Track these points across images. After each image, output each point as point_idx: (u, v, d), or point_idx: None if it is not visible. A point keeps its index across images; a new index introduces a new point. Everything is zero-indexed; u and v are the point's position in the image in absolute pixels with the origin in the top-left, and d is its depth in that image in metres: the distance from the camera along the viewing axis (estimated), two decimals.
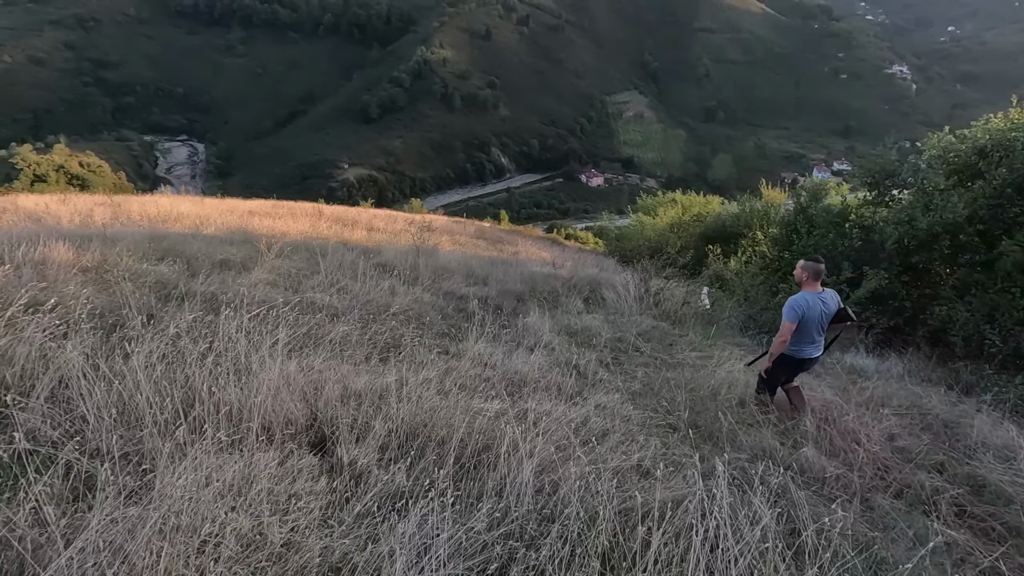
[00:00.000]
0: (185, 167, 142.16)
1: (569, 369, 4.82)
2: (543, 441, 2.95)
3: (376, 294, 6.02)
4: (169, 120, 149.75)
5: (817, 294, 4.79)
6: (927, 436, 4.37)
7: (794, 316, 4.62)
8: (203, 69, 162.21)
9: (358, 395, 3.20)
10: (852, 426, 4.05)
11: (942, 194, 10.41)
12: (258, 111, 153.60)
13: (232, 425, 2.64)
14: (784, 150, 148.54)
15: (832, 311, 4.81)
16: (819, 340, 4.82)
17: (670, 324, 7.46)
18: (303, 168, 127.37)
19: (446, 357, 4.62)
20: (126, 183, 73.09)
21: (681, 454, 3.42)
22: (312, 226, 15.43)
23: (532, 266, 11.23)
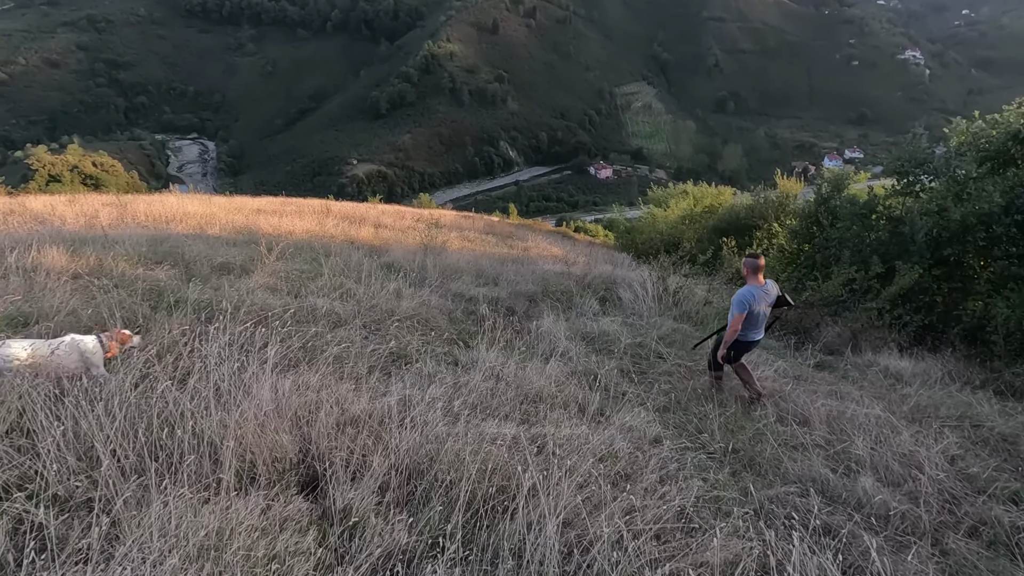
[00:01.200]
0: (196, 165, 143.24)
1: (588, 381, 4.47)
2: (568, 484, 2.57)
3: (381, 298, 5.69)
4: (181, 119, 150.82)
5: (760, 287, 5.48)
6: (985, 451, 3.98)
7: (743, 308, 5.28)
8: (214, 68, 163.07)
9: (356, 421, 2.85)
10: (908, 447, 3.64)
11: (976, 183, 9.91)
12: (269, 109, 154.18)
13: (210, 465, 2.31)
14: (796, 139, 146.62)
15: (773, 299, 5.52)
16: (762, 325, 5.51)
17: (692, 326, 7.04)
18: (313, 165, 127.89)
19: (455, 369, 4.27)
20: (138, 182, 73.62)
21: (725, 492, 3.02)
22: (319, 224, 15.16)
23: (543, 264, 10.84)
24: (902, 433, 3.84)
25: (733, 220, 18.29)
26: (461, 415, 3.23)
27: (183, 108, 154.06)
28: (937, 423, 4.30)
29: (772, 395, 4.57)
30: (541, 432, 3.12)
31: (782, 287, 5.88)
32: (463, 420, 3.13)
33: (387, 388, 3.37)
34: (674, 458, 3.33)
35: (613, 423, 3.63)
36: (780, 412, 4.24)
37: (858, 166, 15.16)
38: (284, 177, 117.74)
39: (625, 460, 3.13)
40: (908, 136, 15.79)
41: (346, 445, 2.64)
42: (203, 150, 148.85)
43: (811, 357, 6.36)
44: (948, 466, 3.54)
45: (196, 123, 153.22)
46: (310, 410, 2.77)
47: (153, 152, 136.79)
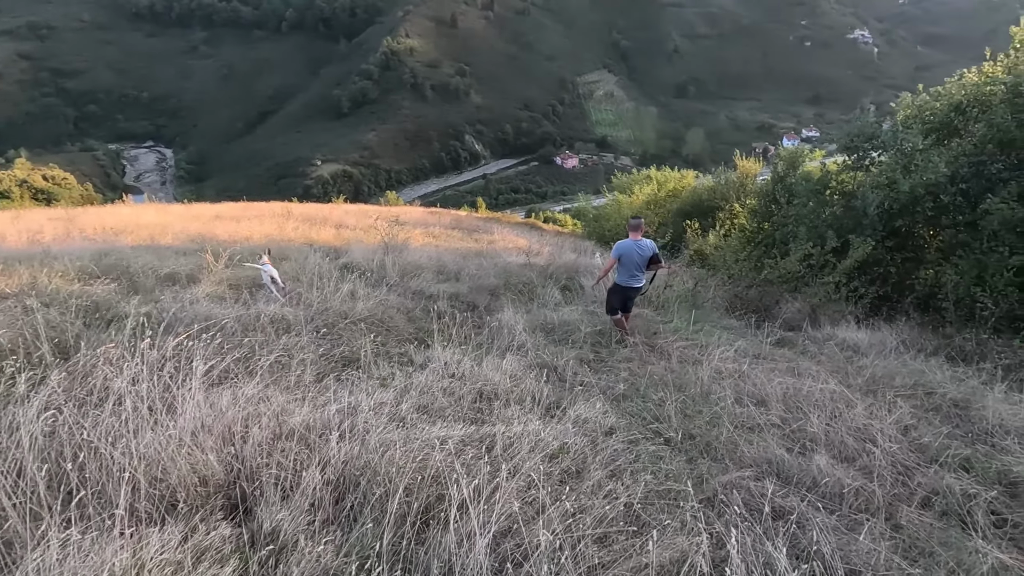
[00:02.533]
0: (155, 174, 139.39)
1: (546, 373, 4.41)
2: (510, 488, 2.45)
3: (335, 300, 5.54)
4: (135, 127, 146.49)
5: (635, 242, 6.52)
6: (937, 419, 4.03)
7: (615, 254, 6.54)
8: (167, 72, 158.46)
9: (294, 434, 2.71)
10: (862, 421, 3.66)
11: (922, 154, 10.14)
12: (228, 113, 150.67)
13: (124, 496, 2.16)
14: (756, 121, 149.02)
15: (647, 255, 6.48)
16: (638, 275, 6.53)
17: (653, 310, 7.07)
18: (278, 168, 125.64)
19: (409, 370, 4.17)
20: (94, 194, 71.17)
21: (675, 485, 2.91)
22: (279, 228, 14.84)
23: (507, 256, 10.77)
24: (856, 407, 3.87)
25: (696, 203, 18.48)
26: (408, 420, 3.13)
27: (137, 115, 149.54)
28: (891, 393, 4.36)
29: (731, 376, 4.57)
30: (491, 432, 3.02)
31: (740, 266, 6.06)
32: (409, 425, 3.03)
33: (334, 395, 3.24)
34: (627, 449, 3.26)
35: (568, 416, 3.57)
36: (738, 393, 4.20)
37: (815, 144, 15.60)
38: (248, 182, 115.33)
39: (576, 455, 3.06)
40: (856, 111, 16.18)
41: (280, 461, 2.49)
42: (160, 158, 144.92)
43: (771, 335, 6.43)
44: (901, 437, 3.55)
45: (152, 130, 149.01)
46: (244, 425, 2.63)
47: (108, 162, 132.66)
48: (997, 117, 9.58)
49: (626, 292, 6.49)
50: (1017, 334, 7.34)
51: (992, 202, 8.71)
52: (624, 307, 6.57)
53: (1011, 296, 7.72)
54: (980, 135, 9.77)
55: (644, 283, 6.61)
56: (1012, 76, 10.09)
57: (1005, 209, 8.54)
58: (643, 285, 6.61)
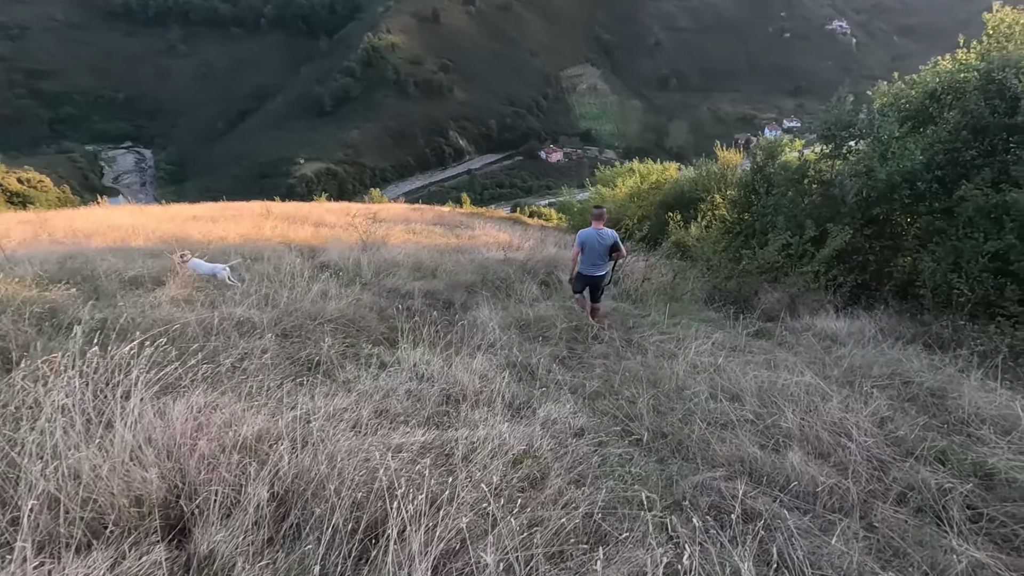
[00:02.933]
0: (134, 175, 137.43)
1: (518, 372, 4.32)
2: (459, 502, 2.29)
3: (306, 301, 5.40)
4: (113, 128, 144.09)
5: (597, 231, 6.74)
6: (914, 409, 3.98)
7: (578, 242, 6.77)
8: (144, 72, 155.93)
9: (245, 446, 2.57)
10: (837, 415, 3.58)
11: (898, 142, 10.18)
12: (208, 112, 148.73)
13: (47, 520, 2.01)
14: (738, 112, 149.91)
15: (607, 244, 6.70)
16: (600, 264, 6.78)
17: (631, 304, 7.00)
18: (260, 167, 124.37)
19: (376, 372, 4.04)
20: (71, 196, 69.94)
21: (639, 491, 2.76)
22: (256, 228, 14.60)
23: (487, 252, 10.64)
24: (832, 399, 3.80)
25: (678, 195, 18.44)
26: (367, 427, 3.00)
27: (114, 116, 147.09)
28: (868, 383, 4.30)
29: (706, 370, 4.49)
30: (452, 438, 2.90)
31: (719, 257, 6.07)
32: (367, 433, 2.89)
33: (292, 401, 3.11)
34: (594, 452, 3.13)
35: (538, 417, 3.45)
36: (713, 388, 4.09)
37: (796, 135, 15.57)
38: (230, 182, 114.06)
39: (540, 460, 2.92)
40: (833, 99, 16.27)
41: (224, 476, 2.30)
42: (140, 159, 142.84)
43: (749, 326, 6.38)
44: (877, 431, 3.46)
45: (130, 131, 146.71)
46: (192, 436, 2.49)
47: (85, 164, 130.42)
48: (971, 104, 9.63)
49: (589, 280, 6.77)
50: (992, 320, 7.38)
51: (967, 188, 8.75)
52: (592, 296, 6.83)
53: (986, 282, 7.75)
54: (955, 122, 9.82)
55: (607, 271, 6.88)
56: (985, 63, 10.14)
57: (979, 196, 8.58)
58: (606, 273, 6.86)
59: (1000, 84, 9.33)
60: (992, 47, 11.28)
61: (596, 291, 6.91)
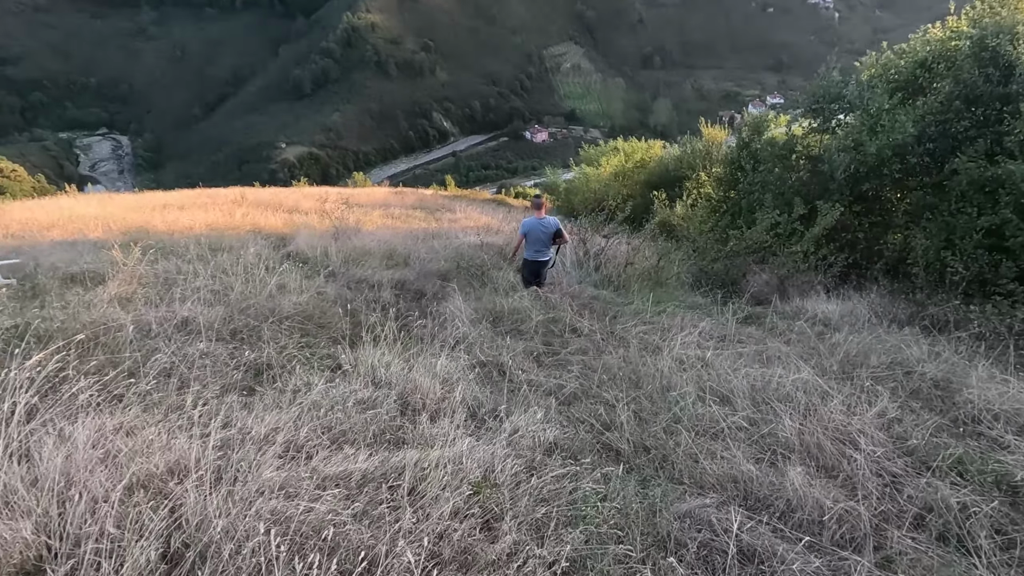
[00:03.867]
0: (111, 163, 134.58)
1: (488, 372, 3.94)
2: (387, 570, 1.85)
3: (262, 295, 4.96)
4: (86, 114, 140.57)
5: (539, 219, 7.00)
6: (918, 405, 3.64)
7: (521, 231, 7.09)
8: (115, 56, 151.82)
9: (151, 481, 2.15)
10: (840, 418, 3.20)
11: (888, 114, 9.83)
12: (183, 97, 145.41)
13: None
14: (721, 89, 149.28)
15: (550, 231, 6.94)
16: (544, 251, 7.04)
17: (613, 290, 6.60)
18: (240, 152, 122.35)
19: (330, 377, 3.63)
20: (47, 186, 68.10)
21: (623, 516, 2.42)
22: (227, 215, 14.03)
23: (465, 236, 10.18)
24: (832, 398, 3.47)
25: (663, 173, 18.09)
26: (307, 449, 2.60)
27: (87, 102, 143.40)
28: (867, 374, 3.98)
29: (693, 365, 4.11)
30: (400, 464, 2.49)
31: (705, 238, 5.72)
32: (303, 459, 2.50)
33: (227, 418, 2.71)
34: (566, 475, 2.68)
35: (504, 429, 3.06)
36: (701, 387, 3.72)
37: (780, 111, 15.28)
38: (209, 168, 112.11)
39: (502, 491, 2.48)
40: (820, 71, 15.81)
41: (108, 531, 1.87)
42: (116, 146, 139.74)
43: (738, 311, 6.02)
44: (885, 437, 3.10)
45: (104, 117, 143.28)
46: (90, 471, 2.07)
47: (60, 152, 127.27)
48: (963, 72, 9.29)
49: (533, 266, 7.10)
50: (988, 299, 7.12)
51: (960, 161, 8.45)
52: (536, 280, 7.10)
53: (981, 259, 7.48)
54: (947, 92, 9.48)
55: (550, 257, 7.15)
56: (978, 30, 9.79)
57: (974, 168, 8.27)
58: (549, 259, 7.15)
59: (994, 51, 8.99)
60: (984, 13, 10.92)
61: (540, 276, 7.18)
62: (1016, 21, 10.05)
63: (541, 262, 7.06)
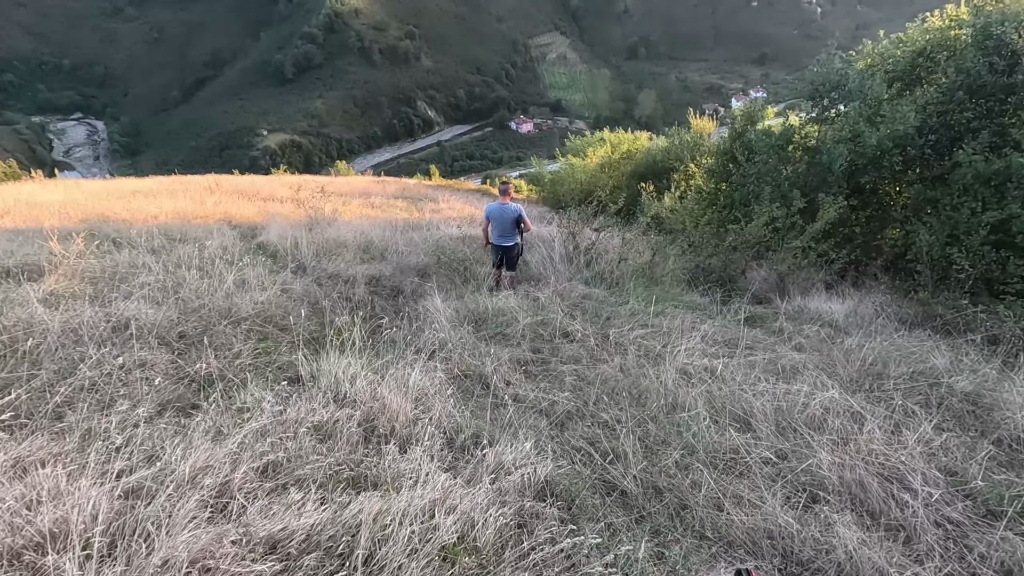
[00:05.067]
0: (87, 148, 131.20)
1: (469, 385, 3.46)
2: None
3: (218, 294, 4.42)
4: (60, 97, 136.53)
5: (502, 205, 7.21)
6: (958, 427, 3.21)
7: (485, 215, 7.25)
8: (90, 37, 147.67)
9: (22, 552, 1.67)
10: (881, 448, 2.71)
11: (889, 104, 9.48)
12: (161, 80, 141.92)
13: None
14: (705, 82, 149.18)
15: (511, 217, 7.12)
16: (508, 235, 7.19)
17: (606, 288, 6.10)
18: (221, 138, 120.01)
19: (288, 391, 3.12)
20: (19, 171, 66.07)
21: None
22: (199, 203, 13.37)
23: (448, 228, 9.66)
24: (866, 422, 3.03)
25: (650, 164, 17.70)
26: (242, 493, 2.10)
27: (60, 85, 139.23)
28: (891, 385, 3.57)
29: (701, 377, 3.64)
30: (356, 520, 1.99)
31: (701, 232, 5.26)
32: (236, 509, 2.00)
33: (153, 449, 2.22)
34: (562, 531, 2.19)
35: (486, 463, 2.58)
36: (712, 405, 3.30)
37: (764, 104, 15.00)
38: (189, 153, 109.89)
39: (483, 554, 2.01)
40: (820, 57, 15.36)
41: None
42: (92, 130, 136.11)
43: (740, 312, 5.59)
44: (937, 474, 2.63)
45: (79, 101, 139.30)
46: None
47: (32, 136, 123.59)
48: (967, 61, 8.95)
49: (499, 250, 7.25)
50: (996, 298, 6.80)
51: (965, 153, 8.11)
52: (503, 263, 7.28)
53: (988, 256, 7.16)
54: (949, 81, 9.15)
55: (516, 242, 7.27)
56: (982, 18, 9.46)
57: (979, 161, 7.94)
58: (514, 244, 7.26)
59: (999, 39, 8.65)
60: (986, 2, 10.62)
61: (508, 260, 7.32)
62: (1022, 9, 9.73)
63: (506, 247, 7.24)
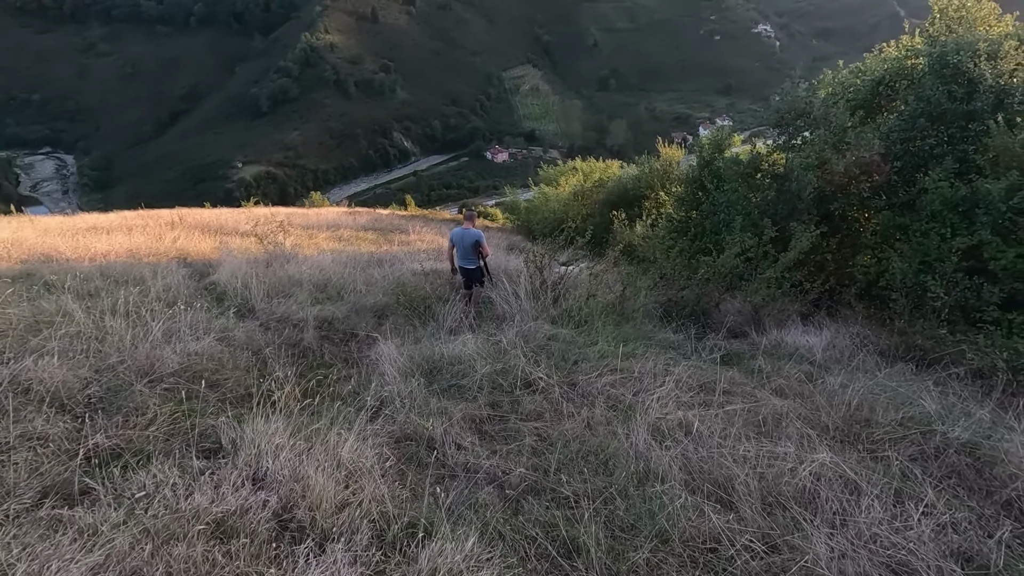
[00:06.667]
0: (55, 183, 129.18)
1: (415, 450, 3.05)
2: None
3: (145, 345, 3.99)
4: (28, 132, 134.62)
5: (465, 230, 7.78)
6: (961, 490, 2.86)
7: (450, 240, 7.90)
8: (62, 72, 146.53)
9: None
10: (885, 532, 2.37)
11: (854, 131, 9.52)
12: (134, 114, 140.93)
13: None
14: (674, 111, 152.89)
15: (469, 242, 7.61)
16: (469, 259, 7.71)
17: (574, 328, 5.67)
18: (195, 171, 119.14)
19: (202, 467, 2.67)
20: None
21: None
22: (157, 238, 12.84)
23: (414, 262, 9.30)
24: (863, 493, 2.66)
25: (622, 193, 17.69)
26: None
27: (29, 119, 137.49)
28: (882, 434, 3.27)
29: (675, 435, 3.25)
30: None
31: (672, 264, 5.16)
32: None
33: (9, 562, 1.79)
34: None
35: (419, 566, 2.17)
36: (689, 471, 2.90)
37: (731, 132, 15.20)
38: (163, 187, 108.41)
39: None
40: (785, 84, 15.53)
41: None
42: (61, 165, 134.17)
43: (716, 349, 5.27)
44: (954, 568, 2.26)
45: (48, 135, 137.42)
46: None
47: None
48: (926, 89, 9.02)
49: (463, 272, 7.81)
50: (972, 326, 6.65)
51: (931, 179, 8.09)
52: (470, 286, 7.77)
53: (962, 283, 7.03)
54: (910, 109, 9.21)
55: (477, 266, 7.73)
56: (938, 47, 9.61)
57: (945, 187, 7.91)
58: (477, 268, 7.72)
59: (955, 68, 8.75)
60: (941, 31, 10.84)
61: (470, 283, 7.81)
62: (976, 38, 9.92)
63: (469, 269, 7.74)
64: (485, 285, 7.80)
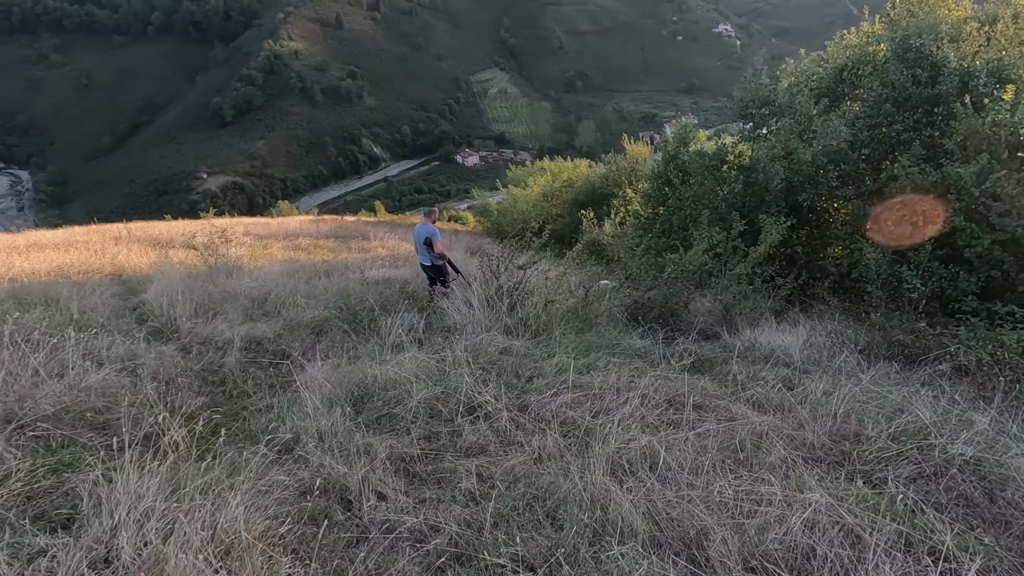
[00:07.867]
0: (9, 199, 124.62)
1: (326, 504, 2.50)
2: None
3: (22, 381, 3.38)
4: None
5: (423, 226, 7.90)
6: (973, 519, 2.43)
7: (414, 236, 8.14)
8: (11, 84, 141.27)
9: None
10: None
11: (820, 119, 9.27)
12: (92, 127, 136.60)
13: None
14: (640, 111, 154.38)
15: (423, 238, 7.69)
16: (425, 255, 7.78)
17: (531, 338, 5.10)
18: (157, 183, 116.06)
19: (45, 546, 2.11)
20: None
21: None
22: (97, 254, 12.06)
23: (366, 270, 8.71)
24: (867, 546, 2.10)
25: (590, 191, 17.43)
26: None
27: None
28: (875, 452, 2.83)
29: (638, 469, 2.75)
30: None
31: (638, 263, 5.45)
32: None
33: None
34: None
35: None
36: (656, 520, 2.37)
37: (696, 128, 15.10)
38: (124, 201, 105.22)
39: None
40: (747, 73, 15.17)
41: None
42: (15, 181, 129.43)
43: (686, 355, 4.75)
44: None
45: (1, 151, 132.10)
46: None
47: None
48: (890, 75, 8.81)
49: (423, 269, 8.00)
50: (951, 317, 6.37)
51: (900, 166, 7.84)
52: (431, 282, 7.89)
53: (938, 272, 6.76)
54: (875, 95, 8.99)
55: (431, 263, 7.75)
56: (900, 32, 9.44)
57: (914, 172, 7.67)
58: (431, 264, 7.76)
59: (918, 52, 8.54)
60: (902, 16, 10.72)
61: (430, 278, 7.91)
62: (937, 21, 9.77)
63: (425, 266, 7.88)
64: (449, 283, 7.68)
